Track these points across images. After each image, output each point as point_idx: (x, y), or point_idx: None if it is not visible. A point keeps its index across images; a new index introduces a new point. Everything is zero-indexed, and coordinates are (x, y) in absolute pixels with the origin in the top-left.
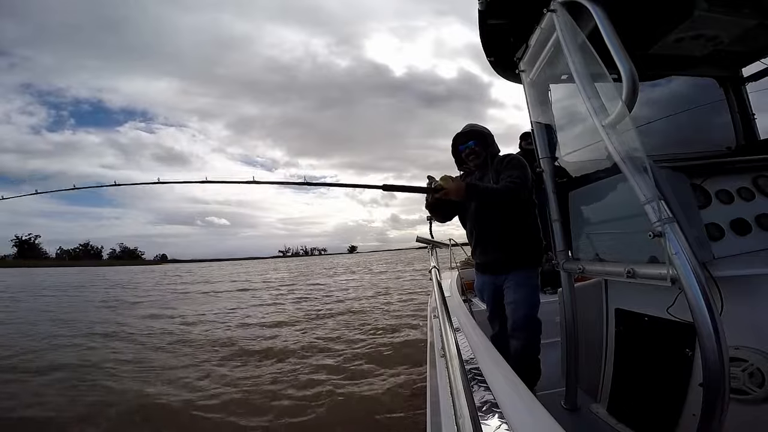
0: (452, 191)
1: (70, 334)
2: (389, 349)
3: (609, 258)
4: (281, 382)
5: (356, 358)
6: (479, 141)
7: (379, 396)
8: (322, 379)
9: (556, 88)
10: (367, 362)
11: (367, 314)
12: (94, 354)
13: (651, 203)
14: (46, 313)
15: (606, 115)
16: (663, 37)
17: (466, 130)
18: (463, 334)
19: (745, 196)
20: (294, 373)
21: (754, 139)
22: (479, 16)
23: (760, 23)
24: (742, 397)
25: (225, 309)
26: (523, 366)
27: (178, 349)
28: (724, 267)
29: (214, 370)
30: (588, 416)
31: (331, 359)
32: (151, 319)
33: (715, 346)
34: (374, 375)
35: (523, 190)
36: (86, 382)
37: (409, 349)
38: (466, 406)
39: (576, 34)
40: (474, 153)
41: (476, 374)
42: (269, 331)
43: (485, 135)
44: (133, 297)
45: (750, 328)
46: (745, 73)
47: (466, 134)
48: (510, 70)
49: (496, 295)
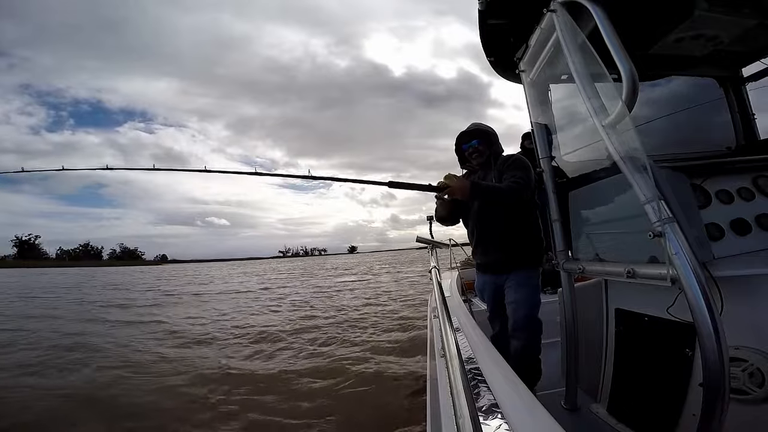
0: (457, 190)
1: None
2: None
3: (609, 258)
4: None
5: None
6: (483, 140)
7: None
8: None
9: (556, 88)
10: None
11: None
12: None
13: (651, 203)
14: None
15: (606, 115)
16: (663, 37)
17: (470, 129)
18: (463, 334)
19: (745, 196)
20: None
21: (754, 139)
22: (479, 16)
23: (760, 23)
24: (742, 397)
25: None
26: (523, 366)
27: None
28: (724, 267)
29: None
30: (588, 416)
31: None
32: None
33: (715, 346)
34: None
35: (526, 190)
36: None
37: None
38: (466, 406)
39: (576, 34)
40: (477, 152)
41: (476, 374)
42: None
43: (489, 134)
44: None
45: (750, 328)
46: (745, 73)
47: (471, 133)
48: (510, 70)
49: (496, 294)
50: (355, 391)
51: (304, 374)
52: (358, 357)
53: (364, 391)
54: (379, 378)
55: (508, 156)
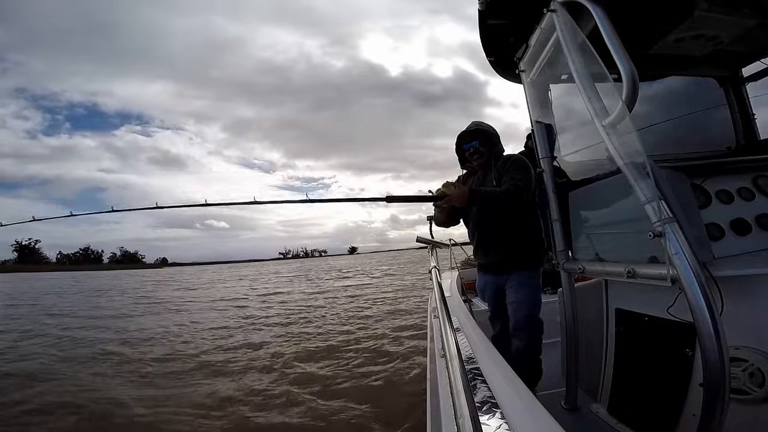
0: (455, 198)
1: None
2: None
3: (609, 258)
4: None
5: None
6: (484, 141)
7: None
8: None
9: (556, 88)
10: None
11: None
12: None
13: (651, 203)
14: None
15: (606, 115)
16: (663, 37)
17: (471, 129)
18: (463, 334)
19: (745, 196)
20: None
21: (754, 139)
22: (479, 16)
23: (760, 23)
24: (742, 397)
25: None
26: (524, 366)
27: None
28: (724, 267)
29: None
30: (588, 416)
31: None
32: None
33: (716, 346)
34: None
35: (526, 192)
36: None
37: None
38: (467, 406)
39: (576, 34)
40: (478, 153)
41: (476, 374)
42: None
43: (491, 135)
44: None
45: (750, 328)
46: (745, 73)
47: (472, 133)
48: (510, 70)
49: (497, 294)
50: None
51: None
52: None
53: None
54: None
55: (508, 156)
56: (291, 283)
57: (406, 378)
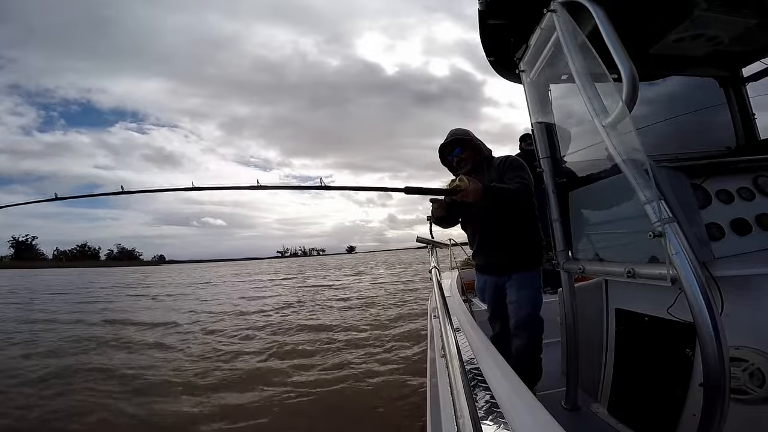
0: (471, 192)
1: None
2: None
3: (609, 258)
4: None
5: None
6: (465, 147)
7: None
8: None
9: (556, 88)
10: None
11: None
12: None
13: (651, 203)
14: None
15: (606, 115)
16: (663, 37)
17: (448, 140)
18: (463, 334)
19: (745, 196)
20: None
21: (754, 139)
22: (479, 16)
23: (760, 23)
24: (742, 397)
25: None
26: (524, 365)
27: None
28: (724, 267)
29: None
30: (588, 416)
31: None
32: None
33: (716, 346)
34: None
35: (532, 190)
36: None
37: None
38: (467, 407)
39: (576, 34)
40: (463, 160)
41: (476, 374)
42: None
43: (469, 140)
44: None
45: (750, 328)
46: (745, 73)
47: (450, 144)
48: (510, 70)
49: (497, 294)
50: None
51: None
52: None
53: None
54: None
55: (505, 157)
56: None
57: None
